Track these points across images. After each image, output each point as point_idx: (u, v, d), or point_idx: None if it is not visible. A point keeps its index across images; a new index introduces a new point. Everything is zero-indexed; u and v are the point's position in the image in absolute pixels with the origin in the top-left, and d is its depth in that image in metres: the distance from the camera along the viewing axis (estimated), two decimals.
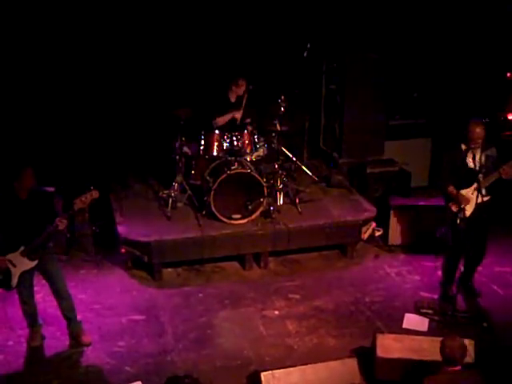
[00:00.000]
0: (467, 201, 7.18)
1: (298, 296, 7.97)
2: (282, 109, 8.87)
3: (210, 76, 9.68)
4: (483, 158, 7.19)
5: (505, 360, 6.62)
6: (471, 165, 7.22)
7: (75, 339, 7.04)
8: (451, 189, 7.27)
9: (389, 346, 6.43)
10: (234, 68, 9.02)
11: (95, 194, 6.50)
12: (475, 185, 7.16)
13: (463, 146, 7.26)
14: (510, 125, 10.26)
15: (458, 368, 5.36)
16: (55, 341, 7.08)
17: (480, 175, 7.14)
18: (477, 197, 7.13)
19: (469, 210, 7.23)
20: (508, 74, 10.17)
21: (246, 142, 8.68)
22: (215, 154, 8.65)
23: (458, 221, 7.22)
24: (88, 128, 9.69)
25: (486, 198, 7.20)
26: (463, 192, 7.23)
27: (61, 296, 6.91)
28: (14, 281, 6.57)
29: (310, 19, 10.14)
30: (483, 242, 7.65)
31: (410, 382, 6.12)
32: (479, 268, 8.14)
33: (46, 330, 7.16)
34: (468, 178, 7.21)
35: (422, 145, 10.50)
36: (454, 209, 7.29)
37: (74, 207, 6.44)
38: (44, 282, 6.96)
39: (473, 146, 7.17)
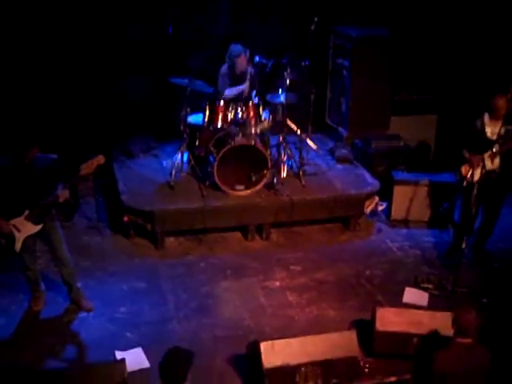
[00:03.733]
0: (478, 162, 7.47)
1: (299, 268, 7.99)
2: (288, 81, 8.83)
3: (217, 48, 9.66)
4: (503, 130, 7.47)
5: (503, 336, 6.65)
6: (489, 134, 7.52)
7: (76, 305, 7.09)
8: (465, 151, 7.59)
9: (388, 320, 6.45)
10: (240, 41, 8.95)
11: (101, 159, 6.46)
12: (489, 152, 7.46)
13: (486, 116, 7.56)
14: None
15: (469, 341, 5.39)
16: (57, 306, 7.13)
17: (496, 144, 7.45)
18: (486, 165, 7.45)
19: (477, 175, 7.51)
20: None
21: (251, 113, 8.62)
22: (220, 125, 8.62)
23: (465, 183, 7.58)
24: (92, 97, 9.67)
25: (496, 168, 7.56)
26: (477, 156, 7.53)
27: (62, 262, 6.93)
28: (18, 245, 6.56)
29: None
30: (494, 211, 7.92)
31: (420, 355, 6.16)
32: None
33: (47, 296, 7.20)
34: (483, 145, 7.51)
35: (427, 121, 10.46)
36: (464, 172, 7.59)
37: (79, 173, 6.42)
38: (46, 247, 7.00)
39: (494, 117, 7.48)
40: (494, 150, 7.45)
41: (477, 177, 7.52)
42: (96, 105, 9.72)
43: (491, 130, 7.50)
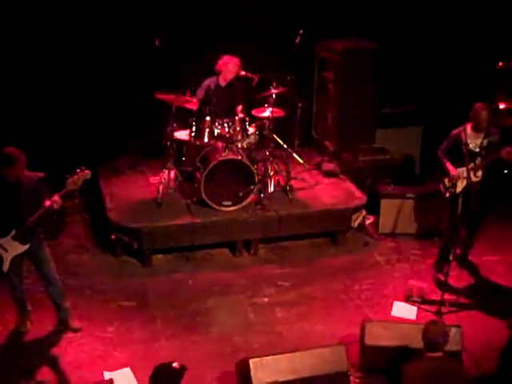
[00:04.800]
0: (458, 176, 7.46)
1: (287, 283, 7.98)
2: (274, 95, 8.84)
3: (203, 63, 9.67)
4: (485, 142, 7.43)
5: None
6: (472, 146, 7.44)
7: (64, 325, 7.04)
8: (448, 164, 7.54)
9: (377, 334, 6.43)
10: (227, 53, 8.98)
11: (87, 174, 6.42)
12: (471, 165, 7.39)
13: (468, 127, 7.46)
14: (500, 114, 10.26)
15: (440, 354, 5.40)
16: (44, 326, 7.08)
17: (478, 157, 7.42)
18: (469, 177, 7.37)
19: (460, 186, 7.52)
20: (500, 63, 10.16)
21: (237, 128, 8.62)
22: (206, 140, 8.61)
23: (448, 194, 7.59)
24: (78, 114, 9.65)
25: (479, 179, 7.53)
26: (459, 170, 7.47)
27: (49, 282, 6.88)
28: (6, 266, 6.52)
29: (304, 5, 10.11)
30: (476, 222, 7.99)
31: (394, 368, 6.15)
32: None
33: (34, 316, 7.14)
34: (466, 157, 7.38)
35: (413, 133, 10.49)
36: (447, 183, 7.59)
37: (66, 188, 6.38)
38: (33, 267, 6.95)
39: (477, 129, 7.41)
40: (477, 162, 7.42)
41: (460, 188, 7.54)
42: (82, 121, 9.69)
43: (474, 141, 7.44)
